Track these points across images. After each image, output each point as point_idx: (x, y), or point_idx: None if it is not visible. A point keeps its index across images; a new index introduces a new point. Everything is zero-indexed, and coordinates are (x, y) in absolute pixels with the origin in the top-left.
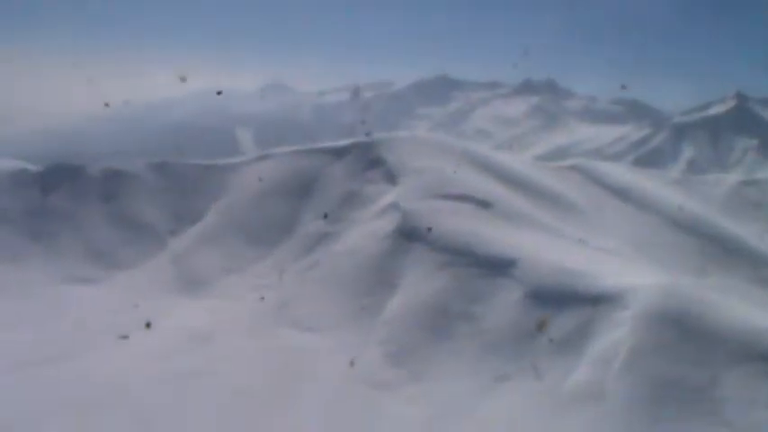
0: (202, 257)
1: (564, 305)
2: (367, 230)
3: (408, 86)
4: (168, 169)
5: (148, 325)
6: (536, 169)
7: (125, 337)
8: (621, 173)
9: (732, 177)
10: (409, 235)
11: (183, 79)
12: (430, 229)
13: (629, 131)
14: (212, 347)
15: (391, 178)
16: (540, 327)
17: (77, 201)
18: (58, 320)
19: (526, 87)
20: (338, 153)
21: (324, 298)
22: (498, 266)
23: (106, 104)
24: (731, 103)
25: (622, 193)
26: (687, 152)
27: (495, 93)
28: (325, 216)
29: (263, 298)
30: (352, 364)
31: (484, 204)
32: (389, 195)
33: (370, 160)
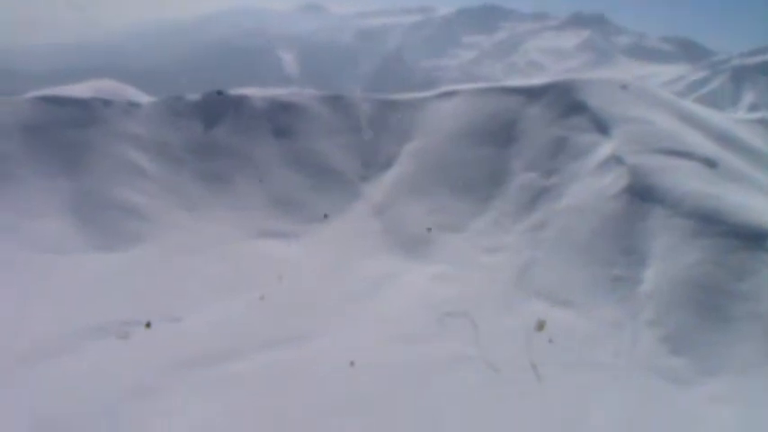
0: (409, 210)
1: None
2: (591, 187)
3: (452, 13)
4: (344, 104)
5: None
6: (731, 123)
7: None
8: None
9: None
10: (644, 195)
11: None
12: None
13: (686, 72)
14: (469, 326)
15: (601, 127)
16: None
17: (246, 137)
18: (276, 285)
19: (576, 20)
20: (533, 94)
21: (565, 265)
22: (757, 238)
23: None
24: None
25: None
26: (748, 97)
27: (545, 24)
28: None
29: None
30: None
31: (709, 163)
32: (605, 147)
33: (570, 104)
